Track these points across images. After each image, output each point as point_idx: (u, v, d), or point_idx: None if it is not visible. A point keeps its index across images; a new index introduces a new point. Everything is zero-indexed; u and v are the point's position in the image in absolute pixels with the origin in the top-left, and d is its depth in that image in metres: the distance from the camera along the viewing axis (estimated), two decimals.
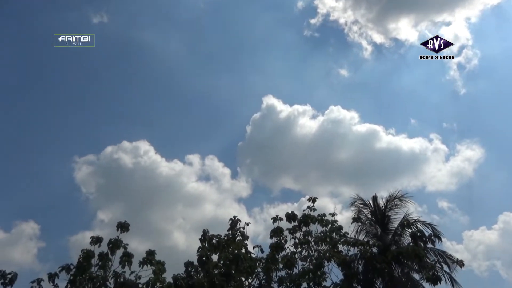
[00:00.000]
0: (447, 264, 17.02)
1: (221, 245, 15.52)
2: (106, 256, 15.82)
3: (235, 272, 14.75)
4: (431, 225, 17.93)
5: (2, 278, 16.16)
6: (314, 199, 17.52)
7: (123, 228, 16.17)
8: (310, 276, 15.59)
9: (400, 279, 16.95)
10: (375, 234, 18.71)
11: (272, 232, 16.45)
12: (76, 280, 14.64)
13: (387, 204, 19.50)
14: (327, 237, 16.60)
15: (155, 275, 15.03)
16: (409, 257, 15.15)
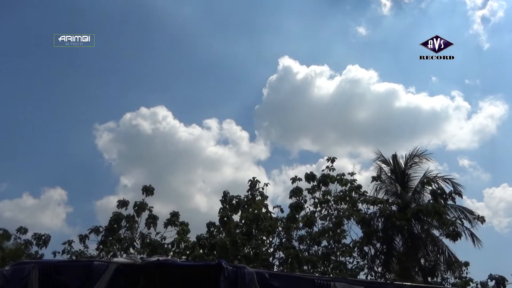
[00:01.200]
0: (467, 220, 17.03)
1: (242, 205, 15.88)
2: (132, 218, 16.48)
3: (256, 231, 15.16)
4: (452, 181, 17.80)
5: (37, 240, 17.16)
6: (333, 159, 17.56)
7: (148, 192, 16.68)
8: (330, 234, 15.92)
9: (419, 235, 17.11)
10: (394, 192, 18.74)
11: (292, 192, 16.67)
12: (107, 241, 15.36)
13: (407, 162, 19.37)
14: (347, 196, 16.73)
15: (179, 236, 15.59)
16: (429, 214, 15.22)
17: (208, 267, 4.98)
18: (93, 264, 4.71)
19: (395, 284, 5.18)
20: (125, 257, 5.19)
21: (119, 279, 4.64)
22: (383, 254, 17.48)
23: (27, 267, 4.62)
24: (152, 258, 4.90)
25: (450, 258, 16.43)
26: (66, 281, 4.60)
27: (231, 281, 4.56)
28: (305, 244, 16.36)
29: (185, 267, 5.11)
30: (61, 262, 4.92)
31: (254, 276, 4.67)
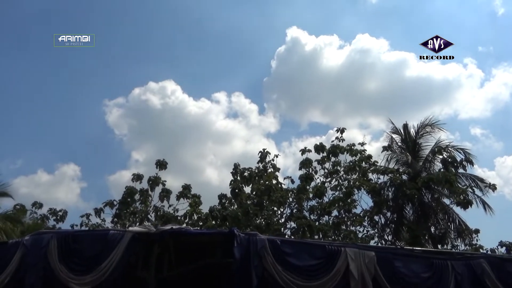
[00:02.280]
0: (478, 188, 16.98)
1: (253, 177, 16.00)
2: (146, 192, 16.78)
3: (267, 202, 15.33)
4: (463, 149, 17.64)
5: (54, 215, 17.61)
6: (342, 130, 17.48)
7: (161, 166, 16.89)
8: (340, 204, 16.03)
9: (430, 204, 17.15)
10: (405, 162, 18.66)
11: (301, 164, 16.73)
12: (121, 214, 15.71)
13: (418, 132, 19.18)
14: (357, 166, 16.74)
15: (191, 208, 15.84)
16: (440, 182, 15.19)
17: (221, 234, 5.08)
18: (109, 233, 4.84)
19: (405, 249, 5.24)
20: (139, 226, 5.32)
21: (134, 247, 4.77)
22: (393, 223, 17.61)
23: (46, 236, 4.77)
24: (166, 227, 5.01)
25: (460, 226, 16.50)
26: (84, 249, 4.75)
27: (243, 248, 4.65)
28: (315, 214, 16.53)
29: (198, 235, 5.22)
30: (78, 231, 5.06)
31: (266, 242, 4.76)
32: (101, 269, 4.60)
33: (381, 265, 4.76)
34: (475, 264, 4.86)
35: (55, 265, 4.59)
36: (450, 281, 4.76)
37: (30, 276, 4.45)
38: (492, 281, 4.79)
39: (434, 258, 4.92)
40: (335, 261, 4.76)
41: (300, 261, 4.72)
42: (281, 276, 4.56)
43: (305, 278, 4.59)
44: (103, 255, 4.67)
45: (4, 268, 4.56)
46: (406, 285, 4.72)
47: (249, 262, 4.59)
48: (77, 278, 4.58)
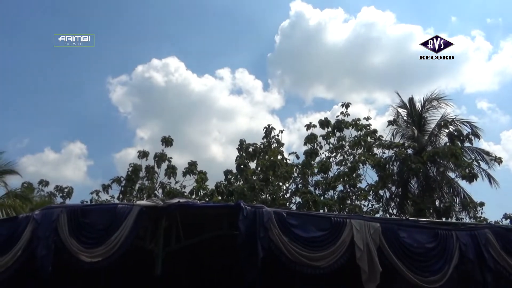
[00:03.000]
0: (484, 162, 16.95)
1: (258, 152, 16.06)
2: (152, 169, 16.94)
3: (272, 177, 15.42)
4: (469, 122, 17.51)
5: (61, 192, 17.89)
6: (347, 105, 17.38)
7: (167, 143, 16.99)
8: (345, 178, 16.10)
9: (435, 178, 17.17)
10: (410, 136, 18.60)
11: (306, 139, 16.72)
12: (127, 191, 15.91)
13: (424, 106, 19.04)
14: (362, 141, 16.72)
15: (197, 184, 16.00)
16: (445, 156, 15.15)
17: (227, 207, 5.15)
18: (117, 207, 4.91)
19: (410, 220, 5.28)
20: (147, 200, 5.39)
21: (142, 220, 4.85)
22: (398, 197, 17.71)
23: (56, 211, 4.85)
24: (173, 200, 5.08)
25: (465, 199, 16.57)
26: (93, 223, 4.83)
27: (249, 220, 4.71)
28: (320, 189, 16.63)
29: (205, 208, 5.29)
30: (87, 206, 5.14)
31: (272, 215, 4.81)
32: (111, 242, 4.69)
33: (386, 235, 4.82)
34: (480, 234, 4.90)
35: (65, 238, 4.68)
36: (454, 251, 4.81)
37: (41, 248, 4.55)
38: (496, 250, 4.84)
39: (439, 228, 4.96)
40: (341, 232, 4.81)
41: (306, 232, 4.78)
42: (287, 247, 4.63)
43: (311, 249, 4.66)
44: (112, 229, 4.75)
45: (16, 241, 4.67)
46: (410, 255, 4.78)
47: (255, 234, 4.65)
48: (88, 250, 4.67)
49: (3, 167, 18.20)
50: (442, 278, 4.73)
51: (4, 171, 18.32)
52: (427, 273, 4.75)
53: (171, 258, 5.00)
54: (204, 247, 5.81)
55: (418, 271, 4.74)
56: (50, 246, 4.61)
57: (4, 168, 18.35)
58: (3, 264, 4.56)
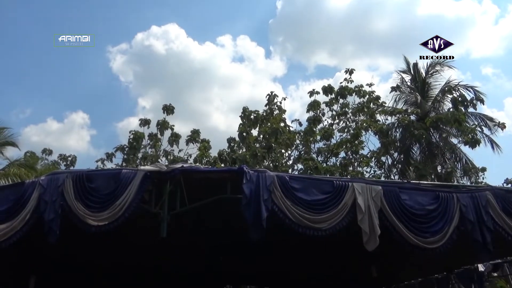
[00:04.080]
0: (487, 127, 16.92)
1: (260, 120, 16.05)
2: (155, 136, 17.00)
3: (275, 145, 15.48)
4: (473, 87, 17.35)
5: (64, 161, 18.07)
6: (351, 71, 17.19)
7: (168, 111, 16.97)
8: (347, 145, 16.15)
9: (437, 144, 17.20)
10: (414, 102, 18.50)
11: (309, 106, 16.66)
12: (130, 159, 16.04)
13: (428, 71, 18.81)
14: (365, 107, 16.66)
15: (200, 152, 16.10)
16: (448, 122, 15.13)
17: (231, 172, 5.19)
18: (121, 172, 4.96)
19: (412, 183, 5.33)
20: (151, 165, 5.44)
21: (147, 185, 4.91)
22: (400, 163, 17.83)
23: (61, 176, 4.90)
24: (177, 165, 5.12)
25: (467, 165, 16.67)
26: (98, 188, 4.89)
27: (253, 184, 4.76)
28: (323, 156, 16.72)
29: (208, 172, 5.34)
30: (92, 171, 5.18)
31: (274, 178, 4.86)
32: (116, 206, 4.77)
33: (388, 198, 4.88)
34: (480, 196, 4.95)
35: (72, 202, 4.76)
36: (455, 213, 4.88)
37: (49, 212, 4.63)
38: (496, 212, 4.90)
39: (440, 191, 5.01)
40: (343, 195, 4.87)
41: (308, 195, 4.84)
42: (290, 210, 4.70)
43: (313, 212, 4.73)
44: (117, 193, 4.82)
45: (24, 205, 4.75)
46: (411, 217, 4.85)
47: (258, 197, 4.71)
48: (94, 214, 4.76)
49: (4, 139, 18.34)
50: (442, 238, 4.82)
51: (5, 142, 18.46)
52: (427, 234, 4.83)
53: (176, 221, 5.10)
54: (209, 210, 5.92)
55: (418, 233, 4.82)
56: (57, 210, 4.69)
57: (6, 139, 18.49)
58: (13, 227, 4.66)
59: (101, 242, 7.08)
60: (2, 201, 4.86)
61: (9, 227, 4.70)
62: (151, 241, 7.51)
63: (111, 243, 7.51)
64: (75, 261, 8.83)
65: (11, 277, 8.98)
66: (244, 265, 11.84)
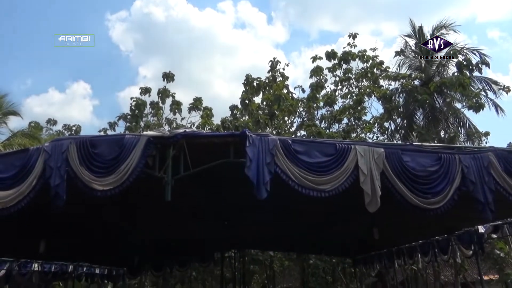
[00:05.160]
0: (492, 91, 16.74)
1: (263, 87, 15.93)
2: (157, 104, 16.97)
3: (277, 111, 15.44)
4: (479, 50, 17.03)
5: (69, 131, 18.15)
6: (354, 35, 16.87)
7: (168, 78, 16.84)
8: (350, 111, 16.10)
9: (441, 109, 17.09)
10: (418, 67, 18.24)
11: (312, 72, 16.48)
12: (132, 127, 16.09)
13: (433, 34, 18.41)
14: (368, 73, 16.47)
15: (203, 119, 16.10)
16: (453, 86, 14.96)
17: (233, 136, 5.21)
18: (125, 137, 4.98)
19: (414, 145, 5.34)
20: (154, 130, 5.46)
21: (150, 150, 4.94)
22: (403, 129, 17.80)
23: (65, 142, 4.94)
24: (179, 130, 5.14)
25: (470, 130, 16.63)
26: (102, 153, 4.93)
27: (255, 147, 4.79)
28: (326, 123, 16.71)
29: (211, 137, 5.36)
30: (95, 137, 5.20)
31: (277, 142, 4.88)
32: (121, 171, 4.83)
33: (390, 160, 4.90)
34: (482, 157, 4.96)
35: (77, 168, 4.81)
36: (456, 174, 4.90)
37: (54, 178, 4.70)
38: (498, 172, 4.92)
39: (442, 152, 5.02)
40: (345, 157, 4.90)
41: (311, 158, 4.87)
42: (293, 172, 4.75)
43: (316, 174, 4.78)
44: (121, 158, 4.86)
45: (30, 171, 4.81)
46: (413, 178, 4.88)
47: (261, 160, 4.75)
48: (99, 179, 4.82)
49: (6, 109, 18.35)
50: (443, 199, 4.87)
51: (7, 112, 18.48)
52: (428, 195, 4.88)
53: (180, 185, 5.17)
54: (212, 173, 5.98)
55: (419, 193, 4.87)
56: (63, 175, 4.76)
57: (8, 109, 18.50)
58: (20, 193, 4.74)
59: (107, 206, 7.23)
60: (9, 168, 4.93)
61: (16, 193, 4.78)
62: (156, 206, 7.66)
63: (116, 208, 7.67)
64: (82, 225, 9.04)
65: (23, 242, 9.24)
66: (248, 229, 12.09)
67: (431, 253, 11.08)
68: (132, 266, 15.82)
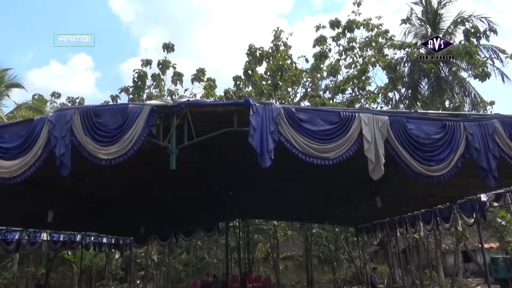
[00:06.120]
0: (499, 60, 16.43)
1: (266, 56, 15.73)
2: (158, 76, 16.86)
3: (280, 81, 15.31)
4: (487, 18, 16.59)
5: (72, 103, 18.16)
6: (359, 3, 16.49)
7: (168, 49, 16.64)
8: (354, 81, 15.94)
9: (446, 78, 16.87)
10: (424, 35, 17.84)
11: (316, 41, 16.22)
12: (135, 99, 16.05)
13: (441, 1, 17.93)
14: (373, 41, 16.19)
15: (206, 90, 16.01)
16: (459, 55, 14.73)
17: (237, 104, 5.17)
18: (128, 106, 4.97)
19: (419, 113, 5.30)
20: (157, 99, 5.43)
21: (154, 119, 4.93)
22: (407, 99, 17.63)
23: (69, 112, 4.94)
24: (183, 99, 5.11)
25: (475, 99, 16.45)
26: (105, 122, 4.93)
27: (259, 116, 4.77)
28: (330, 93, 16.58)
29: (214, 106, 5.34)
30: (99, 106, 5.19)
31: (281, 110, 4.85)
32: (125, 140, 4.83)
33: (394, 128, 4.87)
34: (487, 124, 4.92)
35: (81, 137, 4.83)
36: (461, 141, 4.88)
37: (60, 147, 4.72)
38: (503, 139, 4.89)
39: (447, 119, 4.98)
40: (349, 125, 4.88)
41: (315, 126, 4.85)
42: (297, 140, 4.74)
43: (320, 142, 4.77)
44: (125, 127, 4.86)
45: (35, 141, 4.83)
46: (417, 146, 4.87)
47: (265, 129, 4.74)
48: (104, 148, 4.84)
49: (9, 81, 18.31)
50: (447, 167, 4.87)
51: (10, 84, 18.45)
52: (432, 162, 4.87)
53: (184, 154, 5.19)
54: (216, 142, 6.00)
55: (423, 161, 4.86)
56: (68, 145, 4.78)
57: (11, 81, 18.46)
58: (26, 162, 4.78)
59: (112, 175, 7.31)
60: (14, 138, 4.95)
61: (22, 162, 4.82)
62: (161, 175, 7.74)
63: (121, 177, 7.75)
64: (87, 194, 9.18)
65: (31, 211, 9.42)
66: (252, 199, 12.24)
67: (433, 222, 11.21)
68: (139, 235, 16.16)
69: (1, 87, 18.03)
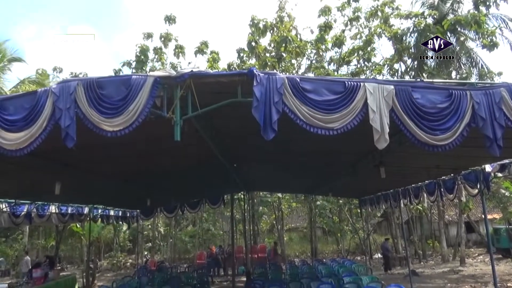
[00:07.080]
0: (508, 29, 16.09)
1: (269, 28, 15.48)
2: (160, 50, 16.68)
3: (284, 53, 15.12)
4: None
5: (75, 78, 18.09)
6: None
7: (170, 21, 16.39)
8: (359, 53, 15.71)
9: (453, 49, 16.57)
10: (432, 4, 17.44)
11: (320, 12, 15.91)
12: (138, 72, 15.95)
13: None
14: (378, 11, 15.85)
15: (209, 63, 15.86)
16: (467, 24, 14.40)
17: (240, 75, 5.12)
18: (131, 78, 4.93)
19: (424, 82, 5.23)
20: (160, 70, 5.39)
21: (158, 90, 4.91)
22: (413, 70, 17.41)
23: (73, 84, 4.91)
24: (186, 70, 5.06)
25: (483, 69, 16.22)
26: (110, 94, 4.91)
27: (263, 86, 4.73)
28: (334, 65, 16.39)
29: (218, 76, 5.29)
30: (102, 77, 5.15)
31: (285, 80, 4.80)
32: (129, 111, 4.83)
33: (399, 97, 4.83)
34: (494, 92, 4.86)
35: (85, 109, 4.83)
36: (467, 110, 4.84)
37: (64, 119, 4.73)
38: (510, 108, 4.84)
39: (454, 88, 4.92)
40: (354, 95, 4.83)
41: (319, 96, 4.81)
42: (301, 110, 4.72)
43: (324, 112, 4.74)
44: (129, 99, 4.85)
45: (39, 113, 4.84)
46: (422, 115, 4.84)
47: (269, 99, 4.71)
48: (108, 120, 4.84)
49: (10, 55, 18.19)
50: (452, 136, 4.85)
51: (12, 58, 18.35)
52: (437, 131, 4.85)
53: (188, 124, 5.19)
54: (220, 113, 6.00)
55: (428, 130, 4.83)
56: (72, 116, 4.78)
57: (12, 55, 18.35)
58: (32, 134, 4.81)
59: (118, 148, 7.36)
60: (19, 109, 4.96)
61: (28, 134, 4.85)
62: (166, 147, 7.78)
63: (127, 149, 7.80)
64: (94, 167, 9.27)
65: (39, 184, 9.56)
66: (256, 171, 12.32)
67: (437, 193, 11.26)
68: (146, 208, 16.41)
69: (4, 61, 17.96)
